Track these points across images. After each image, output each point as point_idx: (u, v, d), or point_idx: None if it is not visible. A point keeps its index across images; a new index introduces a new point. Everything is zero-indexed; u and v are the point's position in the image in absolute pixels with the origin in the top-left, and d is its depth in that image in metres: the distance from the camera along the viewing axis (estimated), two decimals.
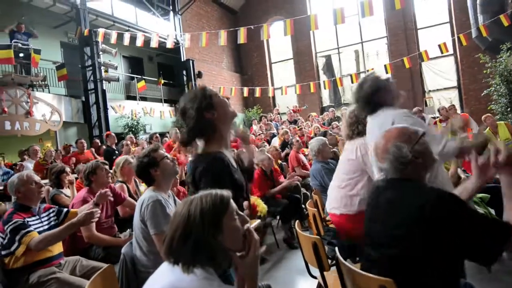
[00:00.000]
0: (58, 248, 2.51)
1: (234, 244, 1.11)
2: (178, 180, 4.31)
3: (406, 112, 2.09)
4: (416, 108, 7.48)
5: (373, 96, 2.10)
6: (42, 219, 2.52)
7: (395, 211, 1.37)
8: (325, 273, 1.90)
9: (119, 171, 3.65)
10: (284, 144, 7.27)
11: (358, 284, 1.43)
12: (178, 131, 7.48)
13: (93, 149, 7.20)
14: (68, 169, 3.95)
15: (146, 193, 2.16)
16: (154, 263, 1.92)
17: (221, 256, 1.08)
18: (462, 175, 3.42)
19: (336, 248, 1.82)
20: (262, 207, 3.89)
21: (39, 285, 2.29)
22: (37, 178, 2.59)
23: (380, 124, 2.00)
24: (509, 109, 7.99)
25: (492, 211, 3.11)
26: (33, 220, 2.44)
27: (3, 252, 2.33)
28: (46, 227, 2.49)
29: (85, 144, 7.07)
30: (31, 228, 2.34)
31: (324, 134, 6.82)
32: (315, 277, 2.13)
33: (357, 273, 1.40)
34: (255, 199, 4.04)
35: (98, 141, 7.97)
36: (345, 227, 2.57)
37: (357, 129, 2.56)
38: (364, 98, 2.15)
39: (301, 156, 5.80)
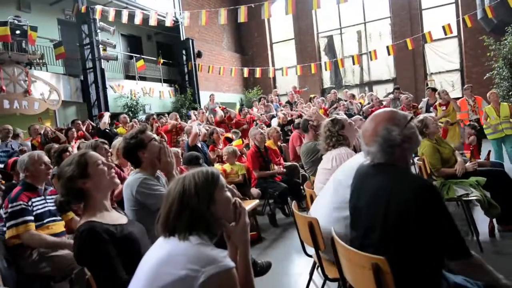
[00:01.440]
0: (60, 227, 2.56)
1: (226, 214, 1.24)
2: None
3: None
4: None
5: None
6: (48, 200, 2.55)
7: (383, 197, 1.38)
8: (320, 252, 1.95)
9: (115, 153, 3.57)
10: (284, 125, 7.24)
11: (352, 262, 1.47)
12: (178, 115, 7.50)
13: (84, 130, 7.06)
14: (70, 149, 3.97)
15: (130, 177, 2.10)
16: None
17: (214, 225, 1.20)
18: (459, 158, 3.43)
19: (332, 228, 1.86)
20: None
21: (41, 261, 2.35)
22: (46, 159, 2.64)
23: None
24: (510, 92, 7.92)
25: (488, 194, 3.16)
26: (38, 200, 2.49)
27: (4, 229, 2.38)
28: (52, 208, 2.53)
29: (81, 125, 7.01)
30: (30, 218, 2.36)
31: (305, 122, 6.78)
32: (310, 256, 2.18)
33: (352, 252, 1.43)
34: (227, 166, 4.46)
35: (81, 122, 7.32)
36: None
37: (332, 141, 2.73)
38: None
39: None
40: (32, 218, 2.38)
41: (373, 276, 1.30)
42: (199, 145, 5.37)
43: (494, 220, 3.26)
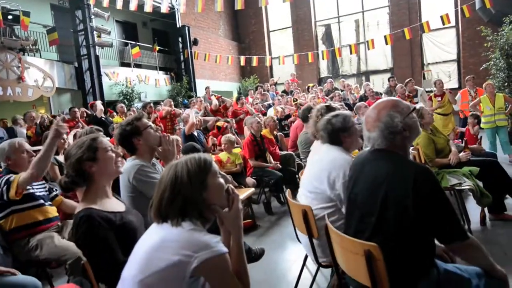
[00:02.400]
0: (53, 211, 2.56)
1: (219, 199, 1.24)
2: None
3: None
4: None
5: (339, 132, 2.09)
6: (34, 187, 2.51)
7: (382, 183, 1.40)
8: (313, 239, 1.97)
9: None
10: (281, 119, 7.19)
11: (345, 248, 1.49)
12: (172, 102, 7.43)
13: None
14: (65, 136, 3.93)
15: (127, 164, 2.10)
16: None
17: (207, 211, 1.21)
18: (453, 148, 3.46)
19: (326, 214, 1.88)
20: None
21: (38, 249, 2.35)
22: (28, 146, 2.58)
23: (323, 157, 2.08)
24: (506, 83, 7.95)
25: (480, 183, 3.20)
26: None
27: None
28: (39, 193, 2.51)
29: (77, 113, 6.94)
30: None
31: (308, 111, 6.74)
32: None
33: (345, 238, 1.45)
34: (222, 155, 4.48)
35: (76, 110, 7.14)
36: None
37: None
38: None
39: None
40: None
41: (365, 262, 1.33)
42: (195, 133, 5.36)
43: (486, 209, 3.31)
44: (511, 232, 3.12)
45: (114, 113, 7.94)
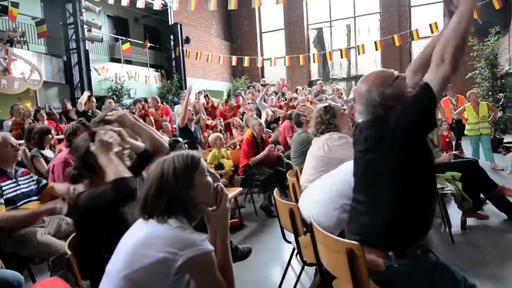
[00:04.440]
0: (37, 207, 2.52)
1: (206, 198, 1.22)
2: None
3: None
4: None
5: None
6: (20, 183, 2.47)
7: (371, 141, 1.46)
8: (299, 238, 2.00)
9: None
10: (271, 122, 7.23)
11: (328, 247, 1.53)
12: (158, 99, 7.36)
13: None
14: (53, 131, 3.89)
15: None
16: None
17: (193, 209, 1.19)
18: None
19: (312, 215, 1.92)
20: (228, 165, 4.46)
21: (21, 244, 2.30)
22: (13, 140, 2.52)
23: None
24: (490, 92, 8.18)
25: (460, 185, 3.31)
26: (9, 184, 2.40)
27: None
28: (25, 190, 2.47)
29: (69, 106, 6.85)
30: (1, 200, 2.30)
31: (298, 116, 6.81)
32: (289, 242, 2.24)
33: (328, 237, 1.49)
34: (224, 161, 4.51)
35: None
36: None
37: (321, 128, 2.71)
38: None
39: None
40: (2, 201, 2.29)
41: (347, 261, 1.36)
42: (192, 128, 5.26)
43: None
44: (491, 235, 3.23)
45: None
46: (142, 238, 1.12)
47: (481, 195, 3.61)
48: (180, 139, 3.81)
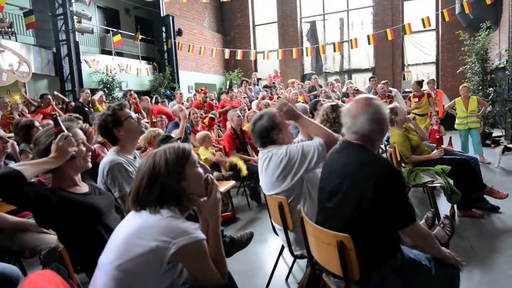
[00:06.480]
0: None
1: (197, 189, 1.25)
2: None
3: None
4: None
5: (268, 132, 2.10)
6: None
7: (349, 174, 1.49)
8: (288, 231, 2.03)
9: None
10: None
11: (319, 239, 1.55)
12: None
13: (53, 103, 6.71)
14: (37, 124, 3.81)
15: (107, 156, 2.08)
16: None
17: (185, 200, 1.22)
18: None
19: (302, 208, 1.94)
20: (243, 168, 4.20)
21: (9, 238, 2.28)
22: (2, 133, 2.51)
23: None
24: (480, 87, 8.28)
25: (451, 181, 3.36)
26: None
27: None
28: None
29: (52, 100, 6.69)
30: None
31: (316, 103, 6.80)
32: (278, 235, 2.26)
33: (318, 229, 1.51)
34: (237, 160, 4.31)
35: (49, 97, 6.83)
36: None
37: (326, 126, 2.69)
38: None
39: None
40: None
41: (337, 253, 1.39)
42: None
43: (455, 206, 3.48)
44: (478, 227, 3.30)
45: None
46: (134, 229, 1.14)
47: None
48: (173, 134, 3.81)
